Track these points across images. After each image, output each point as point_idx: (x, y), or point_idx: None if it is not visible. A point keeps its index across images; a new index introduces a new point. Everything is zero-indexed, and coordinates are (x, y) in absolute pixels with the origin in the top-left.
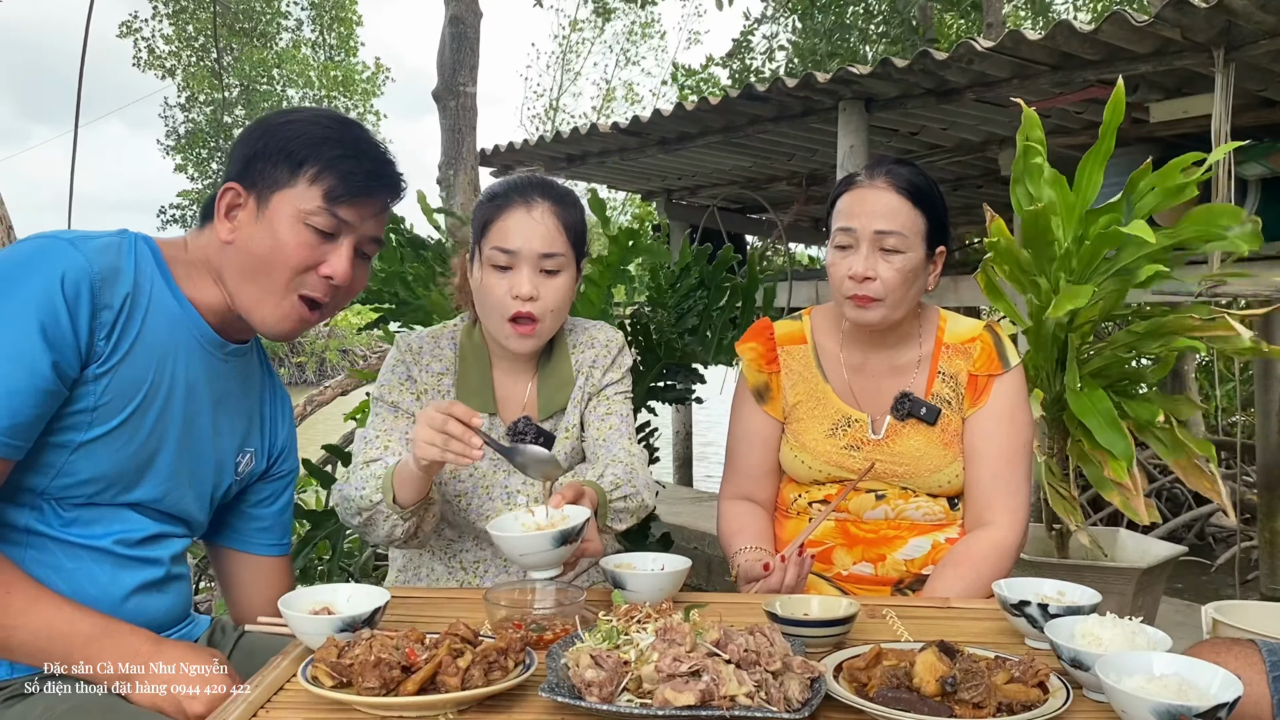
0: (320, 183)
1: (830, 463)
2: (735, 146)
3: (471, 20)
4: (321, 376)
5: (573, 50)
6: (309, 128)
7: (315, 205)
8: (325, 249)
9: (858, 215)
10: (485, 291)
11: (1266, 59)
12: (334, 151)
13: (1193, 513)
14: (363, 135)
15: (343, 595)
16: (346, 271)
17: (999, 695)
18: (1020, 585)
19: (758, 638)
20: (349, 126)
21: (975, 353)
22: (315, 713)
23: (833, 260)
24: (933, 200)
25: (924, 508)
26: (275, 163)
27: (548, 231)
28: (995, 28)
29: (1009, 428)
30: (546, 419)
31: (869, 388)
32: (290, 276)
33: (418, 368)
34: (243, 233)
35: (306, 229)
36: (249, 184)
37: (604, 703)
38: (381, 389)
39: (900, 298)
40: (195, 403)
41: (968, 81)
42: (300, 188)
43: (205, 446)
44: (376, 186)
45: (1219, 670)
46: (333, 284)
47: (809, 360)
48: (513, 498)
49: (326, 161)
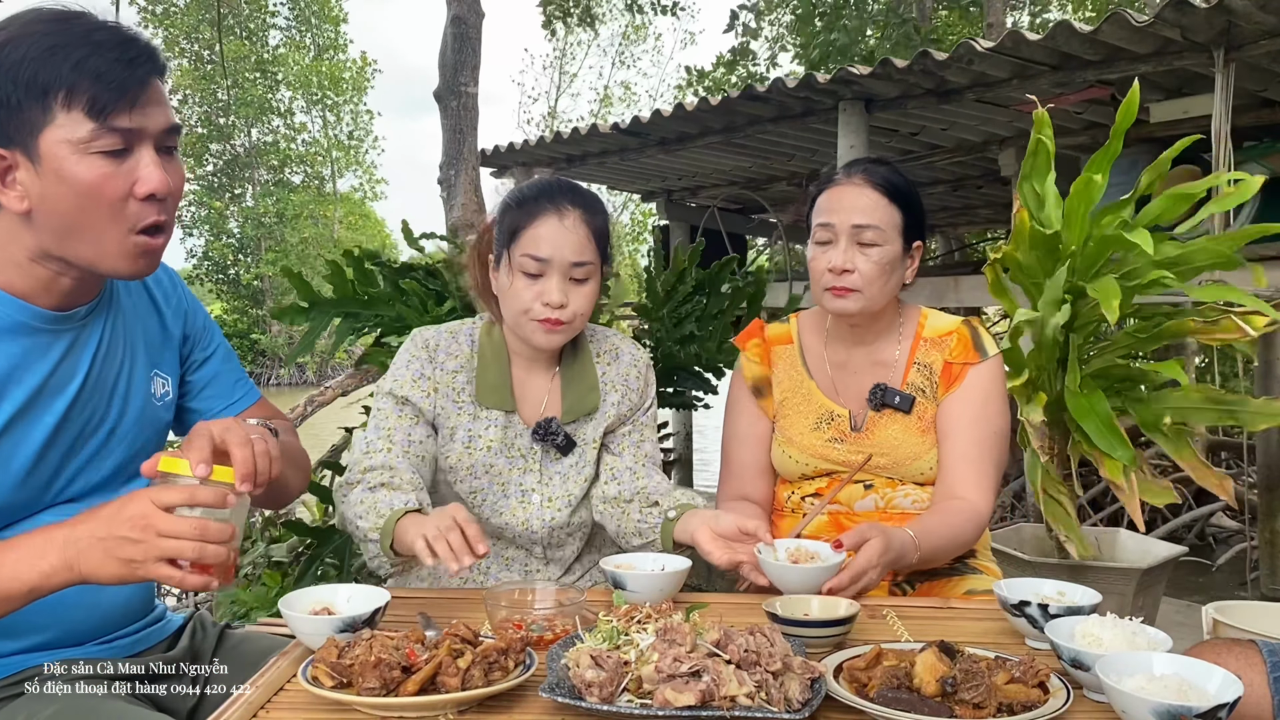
0: (77, 103)
1: (816, 455)
2: (735, 146)
3: (473, 20)
4: (322, 377)
5: (568, 53)
6: (28, 46)
7: (88, 130)
8: (128, 167)
9: (836, 211)
10: (513, 296)
11: (1266, 59)
12: (70, 60)
13: (1193, 513)
14: (89, 22)
15: (343, 595)
16: (162, 178)
17: (999, 695)
18: (1020, 585)
19: (758, 638)
20: (68, 20)
21: (951, 344)
22: (315, 713)
23: (813, 255)
24: (908, 196)
25: (912, 495)
26: (17, 104)
27: (579, 240)
28: (995, 28)
29: (980, 412)
30: (570, 422)
31: (851, 384)
32: (111, 216)
33: (433, 364)
34: (34, 194)
35: (95, 157)
36: (6, 141)
37: (604, 703)
38: (392, 383)
39: (878, 289)
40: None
41: (968, 82)
42: (60, 118)
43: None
44: (139, 74)
45: (1219, 670)
46: (158, 199)
47: (795, 359)
48: (528, 495)
49: (69, 75)
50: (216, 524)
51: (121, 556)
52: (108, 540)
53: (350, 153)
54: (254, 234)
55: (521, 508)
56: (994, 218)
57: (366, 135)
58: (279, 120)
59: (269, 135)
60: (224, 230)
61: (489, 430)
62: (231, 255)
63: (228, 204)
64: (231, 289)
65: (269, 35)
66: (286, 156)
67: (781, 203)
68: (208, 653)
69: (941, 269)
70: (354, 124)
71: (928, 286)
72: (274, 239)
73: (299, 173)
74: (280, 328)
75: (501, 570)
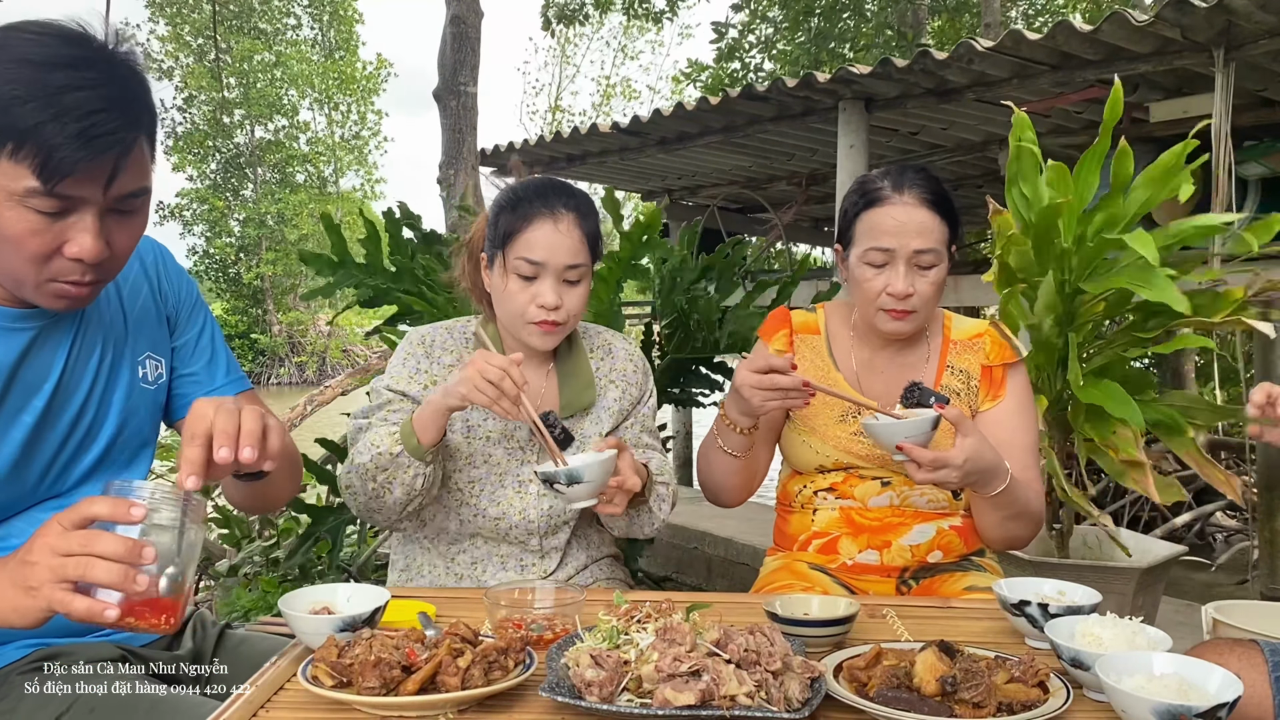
0: (23, 160)
1: (840, 448)
2: (735, 146)
3: (473, 20)
4: (322, 376)
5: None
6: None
7: (27, 186)
8: (62, 228)
9: (894, 234)
10: (508, 298)
11: (1266, 59)
12: (32, 117)
13: (1193, 512)
14: (69, 77)
15: (342, 595)
16: (95, 248)
17: (999, 695)
18: (1020, 585)
19: (758, 638)
20: (46, 69)
21: (986, 346)
22: (315, 713)
23: (866, 276)
24: (952, 207)
25: (928, 494)
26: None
27: (574, 244)
28: (994, 28)
29: (1026, 420)
30: (568, 418)
31: (877, 381)
32: (30, 264)
33: (429, 359)
34: None
35: (28, 211)
36: None
37: (604, 702)
38: (389, 380)
39: (933, 308)
40: (35, 385)
41: (968, 81)
42: (4, 164)
43: (84, 408)
44: (99, 152)
45: (1219, 670)
46: (86, 264)
47: (822, 349)
48: (524, 486)
49: (23, 133)
50: (110, 536)
51: (20, 583)
52: (13, 566)
53: (355, 153)
54: (255, 233)
55: (519, 497)
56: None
57: (373, 136)
58: (284, 120)
59: (272, 134)
60: (225, 229)
61: (488, 421)
62: (233, 254)
63: (229, 203)
64: (232, 288)
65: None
66: (290, 156)
67: (781, 203)
68: (208, 653)
69: None
70: (361, 124)
71: None
72: (275, 238)
73: (301, 171)
74: (281, 327)
75: (498, 571)
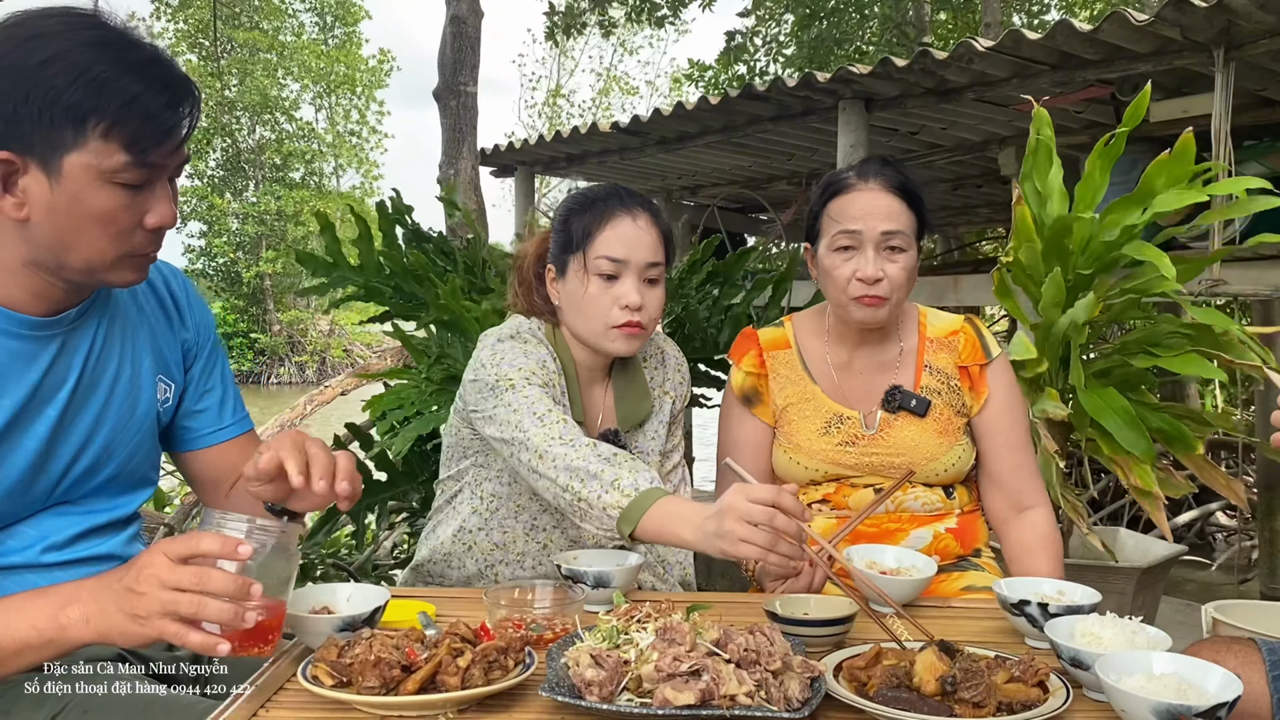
0: (115, 137)
1: (825, 460)
2: (735, 146)
3: (472, 20)
4: (322, 376)
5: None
6: (71, 65)
7: (119, 162)
8: (143, 199)
9: (860, 218)
10: (588, 302)
11: (1266, 59)
12: (119, 94)
13: (1193, 512)
14: (140, 53)
15: (343, 595)
16: (173, 213)
17: (999, 695)
18: (1020, 585)
19: (758, 637)
20: (120, 49)
21: (960, 345)
22: (315, 712)
23: (835, 264)
24: (919, 197)
25: (922, 498)
26: (50, 122)
27: (653, 241)
28: (993, 27)
29: (1014, 415)
30: (626, 432)
31: (857, 385)
32: (113, 241)
33: (524, 345)
34: (39, 206)
35: (116, 188)
36: (23, 148)
37: (604, 702)
38: (528, 374)
39: (904, 295)
40: (52, 393)
41: (968, 81)
42: (93, 145)
43: (99, 417)
44: (180, 115)
45: (1218, 669)
46: (160, 233)
47: (794, 364)
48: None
49: (116, 110)
50: (220, 574)
51: (127, 610)
52: (119, 592)
53: (356, 150)
54: (255, 232)
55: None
56: (993, 217)
57: (373, 133)
58: (283, 116)
59: (273, 131)
60: (224, 228)
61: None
62: (232, 253)
63: (229, 201)
64: (231, 287)
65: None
66: (290, 153)
67: (781, 202)
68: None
69: (941, 268)
70: (362, 120)
71: (928, 286)
72: (274, 236)
73: (299, 168)
74: (281, 326)
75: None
